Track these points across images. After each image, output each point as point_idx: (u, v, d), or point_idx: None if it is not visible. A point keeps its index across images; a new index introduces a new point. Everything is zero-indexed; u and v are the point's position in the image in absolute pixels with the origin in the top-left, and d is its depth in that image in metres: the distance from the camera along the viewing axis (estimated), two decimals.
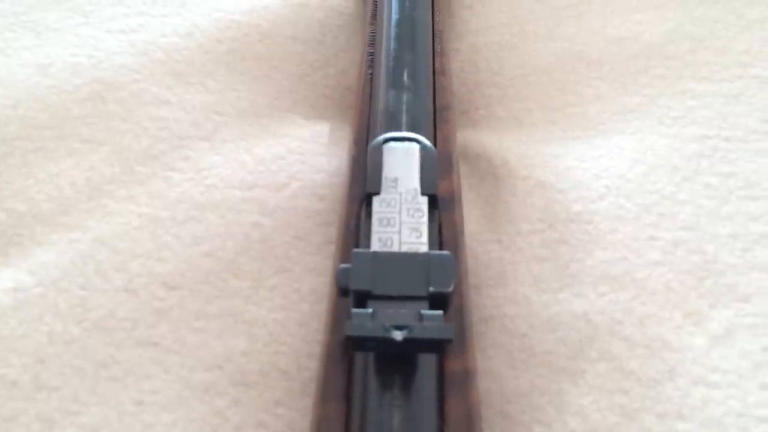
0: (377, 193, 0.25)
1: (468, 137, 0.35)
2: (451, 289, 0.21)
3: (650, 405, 0.25)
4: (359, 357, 0.22)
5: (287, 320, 0.28)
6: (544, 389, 0.26)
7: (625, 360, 0.26)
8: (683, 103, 0.35)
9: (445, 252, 0.22)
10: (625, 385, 0.25)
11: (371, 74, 0.32)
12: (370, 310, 0.21)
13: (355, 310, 0.21)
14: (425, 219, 0.24)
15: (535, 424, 0.25)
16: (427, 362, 0.22)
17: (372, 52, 0.33)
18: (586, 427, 0.25)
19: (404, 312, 0.21)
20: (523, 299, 0.28)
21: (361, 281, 0.21)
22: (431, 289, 0.21)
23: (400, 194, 0.25)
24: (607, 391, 0.25)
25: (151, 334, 0.27)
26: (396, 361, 0.21)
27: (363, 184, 0.27)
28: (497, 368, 0.27)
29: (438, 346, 0.21)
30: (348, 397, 0.22)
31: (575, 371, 0.26)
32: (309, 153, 0.33)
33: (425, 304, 0.21)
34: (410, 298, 0.21)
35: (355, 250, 0.22)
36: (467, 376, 0.23)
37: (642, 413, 0.25)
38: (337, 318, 0.24)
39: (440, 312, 0.21)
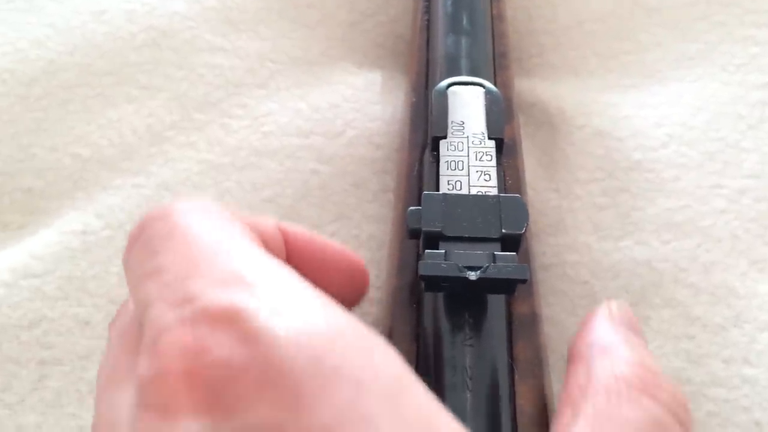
0: (444, 136, 0.24)
1: (522, 85, 0.34)
2: (523, 231, 0.21)
3: (716, 350, 0.25)
4: (428, 299, 0.22)
5: None
6: None
7: (690, 306, 0.26)
8: (746, 50, 0.34)
9: (515, 195, 0.22)
10: (691, 331, 0.25)
11: (428, 20, 0.32)
12: (443, 251, 0.21)
13: (428, 251, 0.21)
14: (494, 162, 0.24)
15: None
16: (495, 304, 0.22)
17: None
18: None
19: (478, 253, 0.21)
20: (584, 247, 0.28)
21: (432, 222, 0.21)
22: (504, 231, 0.21)
23: (467, 138, 0.24)
24: (673, 336, 0.25)
25: None
26: (466, 301, 0.22)
27: (425, 131, 0.27)
28: (558, 315, 0.27)
29: (511, 287, 0.21)
30: (417, 338, 0.22)
31: (639, 317, 0.26)
32: (363, 101, 0.33)
33: (497, 245, 0.21)
34: (482, 240, 0.21)
35: (426, 192, 0.22)
36: (535, 319, 0.23)
37: (708, 358, 0.25)
38: (403, 261, 0.24)
39: (513, 253, 0.21)
